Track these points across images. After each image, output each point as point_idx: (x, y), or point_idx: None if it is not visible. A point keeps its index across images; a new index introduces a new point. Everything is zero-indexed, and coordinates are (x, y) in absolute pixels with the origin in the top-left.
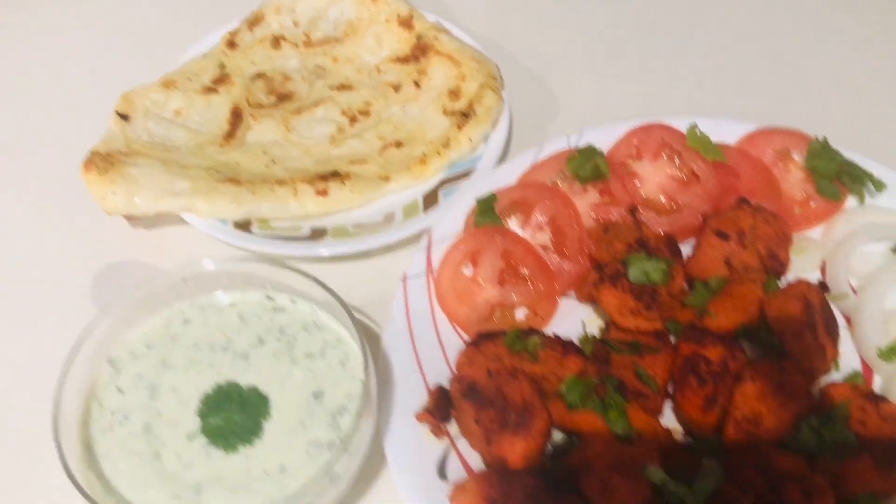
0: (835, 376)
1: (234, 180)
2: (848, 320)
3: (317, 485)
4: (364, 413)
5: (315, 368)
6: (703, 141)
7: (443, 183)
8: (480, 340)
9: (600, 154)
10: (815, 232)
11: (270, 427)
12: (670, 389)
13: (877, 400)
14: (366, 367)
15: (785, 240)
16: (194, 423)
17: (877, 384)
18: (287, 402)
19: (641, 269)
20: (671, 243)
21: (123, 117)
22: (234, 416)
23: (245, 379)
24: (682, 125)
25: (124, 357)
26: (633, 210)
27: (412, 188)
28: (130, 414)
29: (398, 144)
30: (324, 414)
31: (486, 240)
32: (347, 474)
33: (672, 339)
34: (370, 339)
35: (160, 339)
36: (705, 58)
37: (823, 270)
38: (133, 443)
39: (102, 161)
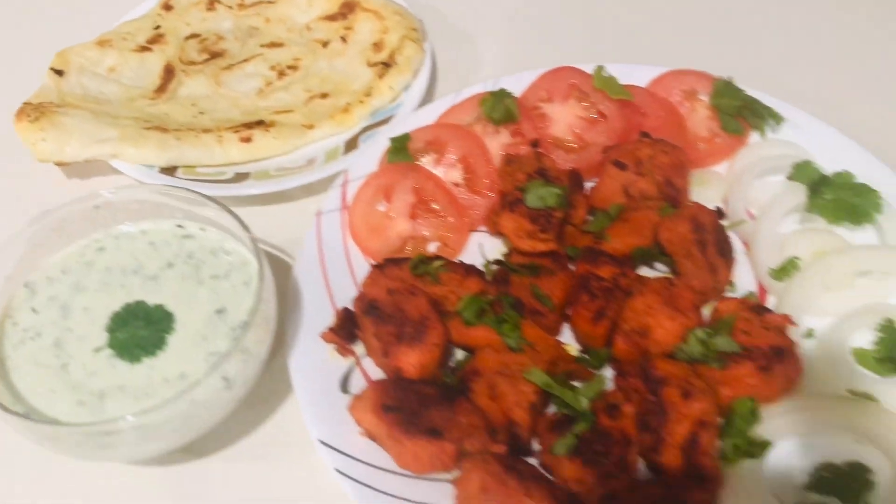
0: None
1: (161, 128)
2: (747, 246)
3: (209, 385)
4: (257, 319)
5: (219, 288)
6: (609, 81)
7: (364, 130)
8: (386, 264)
9: (511, 96)
10: (722, 167)
11: (174, 340)
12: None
13: (762, 312)
14: (261, 277)
15: (682, 168)
16: (102, 338)
17: (771, 304)
18: (191, 318)
19: (538, 195)
20: (574, 176)
21: (58, 73)
22: (139, 331)
23: (153, 298)
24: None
25: (40, 281)
26: (534, 143)
27: (335, 136)
28: (42, 331)
29: (324, 96)
30: (225, 328)
31: (399, 176)
32: (241, 378)
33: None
34: (286, 273)
35: (75, 265)
36: (628, 10)
37: (727, 203)
38: (42, 356)
39: (34, 111)
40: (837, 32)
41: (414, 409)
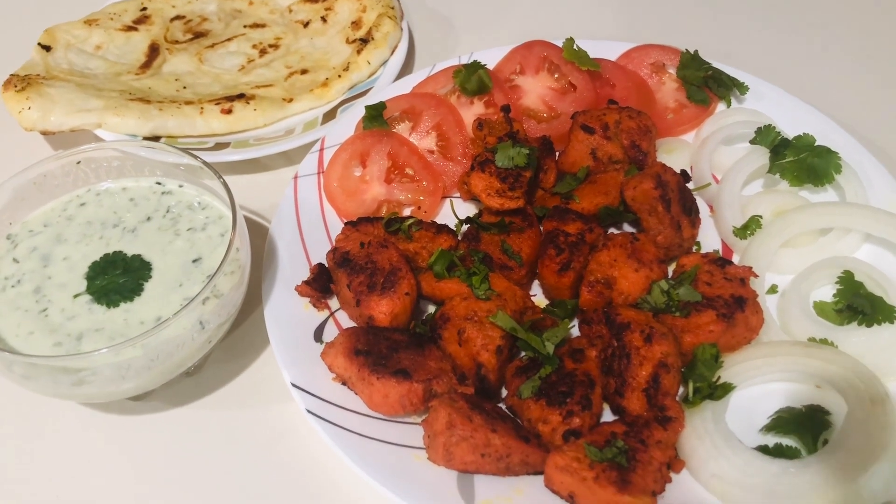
0: None
1: (144, 100)
2: (712, 208)
3: (183, 324)
4: (230, 265)
5: (195, 239)
6: (580, 54)
7: (342, 103)
8: (359, 222)
9: (484, 68)
10: (690, 136)
11: (150, 287)
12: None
13: (723, 264)
14: (234, 224)
15: (648, 132)
16: (81, 285)
17: (735, 261)
18: (167, 267)
19: (507, 155)
20: (545, 142)
21: (45, 48)
22: (117, 278)
23: (131, 249)
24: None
25: (22, 234)
26: (505, 108)
27: (314, 109)
28: (23, 278)
29: (304, 72)
30: (200, 275)
31: (374, 141)
32: (215, 321)
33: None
34: (264, 235)
35: (57, 219)
36: None
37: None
38: (22, 301)
39: (20, 81)
40: (797, 6)
41: (384, 353)
